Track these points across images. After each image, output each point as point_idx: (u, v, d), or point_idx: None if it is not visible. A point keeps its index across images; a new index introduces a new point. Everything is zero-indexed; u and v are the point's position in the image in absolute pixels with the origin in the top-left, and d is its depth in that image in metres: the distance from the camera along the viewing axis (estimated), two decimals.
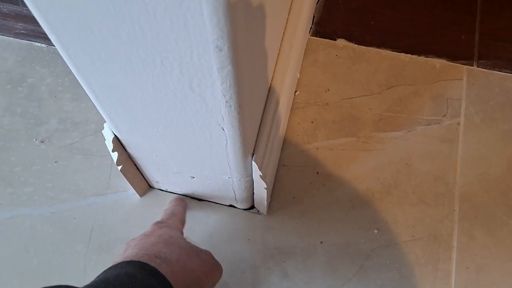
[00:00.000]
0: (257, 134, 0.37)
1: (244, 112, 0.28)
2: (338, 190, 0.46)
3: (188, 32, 0.21)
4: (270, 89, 0.39)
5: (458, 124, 0.49)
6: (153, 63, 0.25)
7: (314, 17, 0.56)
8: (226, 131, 0.30)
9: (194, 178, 0.40)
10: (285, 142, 0.49)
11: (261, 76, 0.34)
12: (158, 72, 0.25)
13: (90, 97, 0.30)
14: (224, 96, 0.26)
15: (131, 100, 0.29)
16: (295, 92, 0.52)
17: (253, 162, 0.35)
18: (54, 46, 0.27)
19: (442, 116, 0.50)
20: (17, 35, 0.56)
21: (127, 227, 0.45)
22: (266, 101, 0.39)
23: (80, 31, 0.23)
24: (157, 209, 0.45)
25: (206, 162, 0.36)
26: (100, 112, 0.32)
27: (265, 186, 0.38)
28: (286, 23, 0.43)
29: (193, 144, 0.33)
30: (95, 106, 0.31)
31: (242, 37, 0.23)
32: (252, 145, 0.35)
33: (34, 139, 0.49)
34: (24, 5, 0.48)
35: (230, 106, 0.27)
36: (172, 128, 0.32)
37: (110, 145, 0.37)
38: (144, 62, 0.25)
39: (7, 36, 0.56)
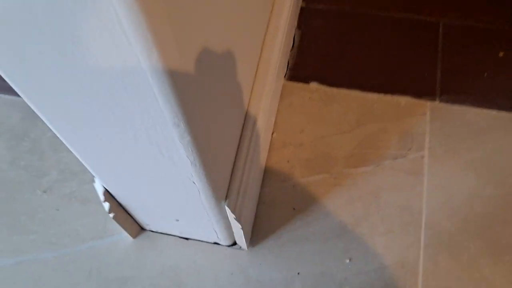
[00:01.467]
0: (230, 180, 0.41)
1: (210, 167, 0.33)
2: (314, 224, 0.50)
3: (150, 115, 0.26)
4: (241, 137, 0.44)
5: (423, 157, 0.54)
6: (127, 137, 0.30)
7: (288, 63, 0.62)
8: (196, 184, 0.35)
9: (179, 221, 0.45)
10: (264, 181, 0.53)
11: (228, 131, 0.39)
12: (132, 143, 0.30)
13: (81, 161, 0.35)
14: (189, 158, 0.31)
15: (113, 163, 0.34)
16: (272, 133, 0.56)
17: (226, 206, 0.40)
18: None
19: (408, 150, 0.54)
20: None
21: (122, 267, 0.49)
22: (238, 148, 0.44)
23: (63, 115, 0.28)
24: (149, 249, 0.50)
25: (186, 209, 0.41)
26: (90, 171, 0.37)
27: (240, 227, 0.42)
28: (256, 72, 0.48)
29: (172, 195, 0.38)
30: None
31: (197, 111, 0.28)
32: (224, 191, 0.40)
33: (37, 190, 0.54)
34: None
35: (196, 165, 0.32)
36: (151, 184, 0.36)
37: (101, 197, 0.41)
38: (120, 136, 0.30)
39: (10, 95, 0.62)
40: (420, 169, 0.53)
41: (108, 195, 0.42)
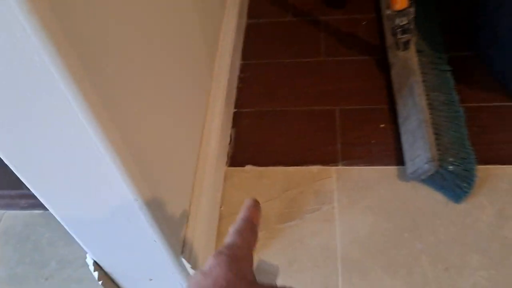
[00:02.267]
0: (184, 239, 0.58)
1: (165, 229, 0.50)
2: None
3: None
4: (190, 206, 0.61)
5: (333, 208, 0.72)
6: (107, 218, 0.47)
7: (228, 153, 0.81)
8: (157, 242, 0.51)
9: (152, 280, 0.60)
10: (217, 241, 0.69)
11: (179, 203, 0.56)
12: (110, 219, 0.47)
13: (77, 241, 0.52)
14: (148, 223, 0.48)
15: (97, 237, 0.51)
16: (221, 207, 0.74)
17: (182, 259, 0.56)
18: (48, 210, 0.48)
19: (322, 204, 0.72)
20: (22, 208, 0.78)
21: None
22: (190, 213, 0.60)
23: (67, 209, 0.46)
24: None
25: (154, 267, 0.56)
26: (84, 248, 0.53)
27: None
28: (198, 164, 0.67)
29: (141, 255, 0.54)
30: (82, 247, 0.52)
31: (150, 190, 0.46)
32: (180, 247, 0.56)
33: (40, 279, 0.69)
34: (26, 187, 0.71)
35: (154, 227, 0.49)
36: (123, 247, 0.53)
37: (91, 267, 0.57)
38: (103, 218, 0.47)
39: (14, 210, 0.78)
40: (332, 217, 0.71)
41: (97, 265, 0.57)
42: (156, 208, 0.47)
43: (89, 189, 0.43)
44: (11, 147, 0.38)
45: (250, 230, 0.32)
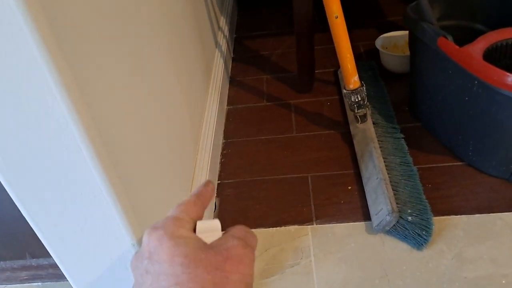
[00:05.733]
0: None
1: None
2: None
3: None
4: None
5: (310, 261, 0.79)
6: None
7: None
8: None
9: None
10: None
11: None
12: None
13: None
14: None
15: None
16: None
17: None
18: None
19: (300, 259, 0.80)
20: (22, 281, 0.83)
21: None
22: None
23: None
24: None
25: None
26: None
27: None
28: None
29: None
30: None
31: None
32: None
33: None
34: (30, 257, 0.77)
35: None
36: None
37: None
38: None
39: (14, 284, 0.83)
40: (310, 269, 0.78)
41: None
42: None
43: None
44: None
45: (193, 203, 0.33)
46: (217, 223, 0.34)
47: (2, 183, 0.45)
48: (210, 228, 0.33)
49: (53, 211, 0.47)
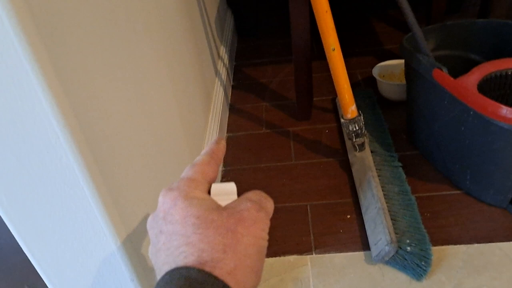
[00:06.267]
0: None
1: None
2: None
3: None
4: None
5: None
6: None
7: None
8: None
9: None
10: None
11: None
12: None
13: None
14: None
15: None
16: None
17: None
18: None
19: None
20: None
21: None
22: None
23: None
24: None
25: None
26: None
27: None
28: None
29: None
30: None
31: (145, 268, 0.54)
32: None
33: None
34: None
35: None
36: None
37: None
38: None
39: None
40: None
41: None
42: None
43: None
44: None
45: (207, 163, 0.32)
46: (232, 186, 0.32)
47: (2, 216, 0.45)
48: (225, 191, 0.32)
49: (51, 245, 0.47)
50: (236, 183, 0.33)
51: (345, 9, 1.75)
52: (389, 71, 1.25)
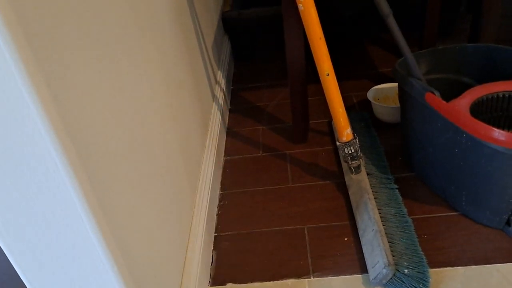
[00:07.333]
0: None
1: None
2: None
3: None
4: None
5: None
6: None
7: (210, 274, 0.89)
8: None
9: None
10: None
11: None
12: None
13: None
14: None
15: None
16: None
17: None
18: None
19: None
20: None
21: None
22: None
23: None
24: None
25: None
26: None
27: None
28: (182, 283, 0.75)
29: None
30: None
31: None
32: None
33: None
34: None
35: None
36: None
37: None
38: None
39: None
40: None
41: None
42: None
43: None
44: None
45: None
46: None
47: (2, 246, 0.46)
48: None
49: (49, 275, 0.48)
50: (233, 207, 0.34)
51: (339, 33, 1.78)
52: (384, 94, 1.27)
